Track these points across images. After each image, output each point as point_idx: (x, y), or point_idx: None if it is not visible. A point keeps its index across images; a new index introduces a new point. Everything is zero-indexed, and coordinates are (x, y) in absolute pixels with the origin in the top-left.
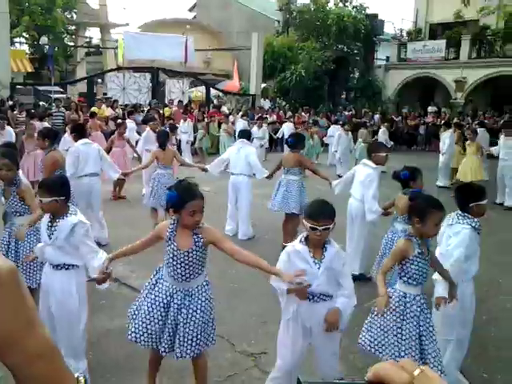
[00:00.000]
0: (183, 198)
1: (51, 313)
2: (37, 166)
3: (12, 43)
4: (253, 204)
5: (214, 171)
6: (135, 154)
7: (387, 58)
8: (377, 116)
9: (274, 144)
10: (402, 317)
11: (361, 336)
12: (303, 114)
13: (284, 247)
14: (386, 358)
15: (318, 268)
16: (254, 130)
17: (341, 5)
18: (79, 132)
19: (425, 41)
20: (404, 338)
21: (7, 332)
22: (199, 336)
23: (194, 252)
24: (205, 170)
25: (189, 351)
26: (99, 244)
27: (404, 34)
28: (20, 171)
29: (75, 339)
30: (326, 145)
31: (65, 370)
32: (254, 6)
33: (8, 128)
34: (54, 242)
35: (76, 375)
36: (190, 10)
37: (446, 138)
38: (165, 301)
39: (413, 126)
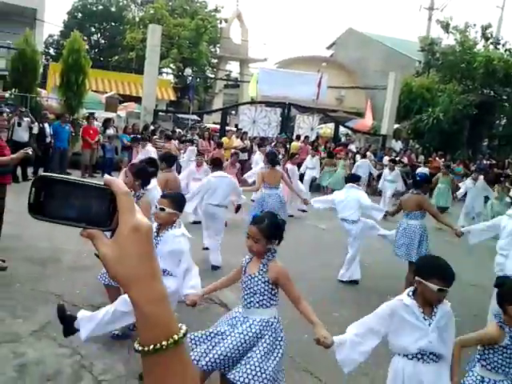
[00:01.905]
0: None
1: None
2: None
3: (159, 73)
4: (369, 246)
5: (318, 206)
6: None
7: None
8: None
9: (407, 188)
10: None
11: None
12: (437, 158)
13: None
14: None
15: (429, 324)
16: (386, 172)
17: (491, 47)
18: (216, 165)
19: None
20: None
21: (134, 275)
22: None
23: (256, 278)
24: (306, 202)
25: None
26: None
27: None
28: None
29: None
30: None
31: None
32: (394, 46)
33: (149, 147)
34: (157, 253)
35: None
36: (328, 47)
37: None
38: (229, 321)
39: None
